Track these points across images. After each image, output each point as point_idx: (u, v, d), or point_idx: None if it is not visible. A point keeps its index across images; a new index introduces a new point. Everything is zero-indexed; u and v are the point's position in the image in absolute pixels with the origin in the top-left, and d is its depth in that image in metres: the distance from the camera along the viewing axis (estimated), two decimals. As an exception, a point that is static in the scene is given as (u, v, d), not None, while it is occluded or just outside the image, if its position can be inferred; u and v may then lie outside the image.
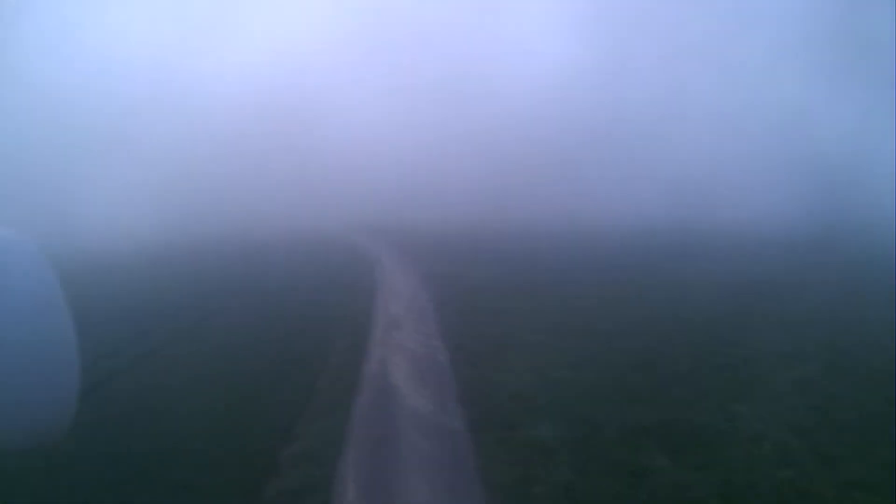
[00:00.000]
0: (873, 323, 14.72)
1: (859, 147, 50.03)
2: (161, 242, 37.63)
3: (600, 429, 8.23)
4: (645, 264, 24.18)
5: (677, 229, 38.60)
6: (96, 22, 56.50)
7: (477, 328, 13.76)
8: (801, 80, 52.94)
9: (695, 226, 40.00)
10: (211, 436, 8.60)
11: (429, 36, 58.83)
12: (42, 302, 2.11)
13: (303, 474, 7.29)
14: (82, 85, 53.50)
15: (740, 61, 55.79)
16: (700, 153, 51.22)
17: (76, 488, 7.27)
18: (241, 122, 55.63)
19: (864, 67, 51.51)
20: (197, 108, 55.33)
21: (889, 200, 40.55)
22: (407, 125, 57.38)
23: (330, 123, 57.31)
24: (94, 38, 55.59)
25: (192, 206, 49.44)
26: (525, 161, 54.51)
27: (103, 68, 54.92)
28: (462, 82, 58.05)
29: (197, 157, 53.63)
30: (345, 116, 57.69)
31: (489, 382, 10.18)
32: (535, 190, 51.85)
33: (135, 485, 7.26)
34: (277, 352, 12.75)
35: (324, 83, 58.55)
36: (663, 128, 54.09)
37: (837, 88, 51.71)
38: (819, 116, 51.69)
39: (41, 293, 2.11)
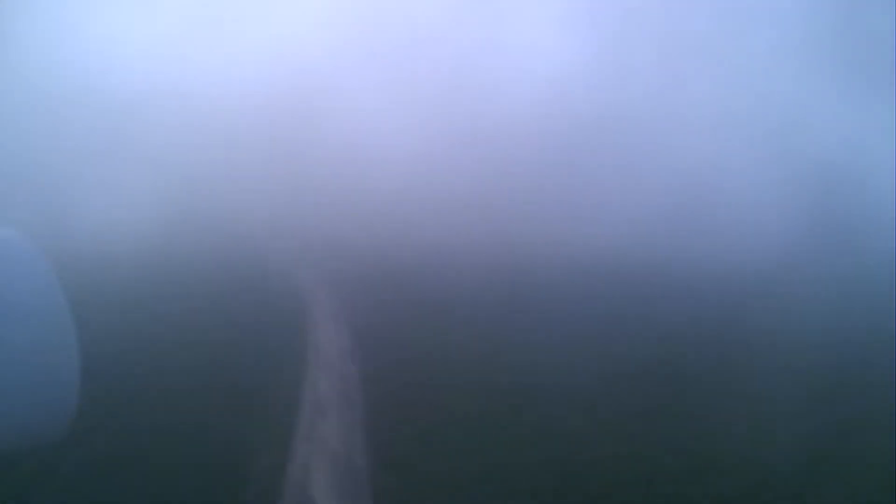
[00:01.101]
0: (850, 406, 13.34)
1: (859, 147, 49.98)
2: (155, 246, 37.20)
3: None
4: (625, 323, 21.07)
5: (672, 249, 36.80)
6: (96, 22, 56.47)
7: (403, 423, 12.21)
8: (801, 80, 52.90)
9: (691, 240, 38.73)
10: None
11: (428, 36, 58.75)
12: (42, 302, 2.10)
13: None
14: (82, 84, 53.45)
15: (740, 61, 55.75)
16: (699, 153, 51.16)
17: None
18: (241, 123, 55.56)
19: (864, 67, 51.46)
20: (197, 108, 55.29)
21: (889, 201, 40.52)
22: (405, 126, 57.26)
23: (329, 125, 57.23)
24: (94, 38, 55.56)
25: (192, 207, 49.33)
26: (524, 162, 54.35)
27: (103, 68, 54.88)
28: (462, 83, 57.96)
29: (197, 157, 53.55)
30: (344, 118, 57.60)
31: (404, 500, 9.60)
32: (534, 195, 51.48)
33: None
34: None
35: (324, 84, 58.48)
36: (662, 128, 54.03)
37: (837, 88, 51.67)
38: (819, 116, 51.65)
39: (41, 293, 2.11)
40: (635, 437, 11.37)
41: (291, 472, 10.31)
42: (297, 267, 32.08)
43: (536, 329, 19.56)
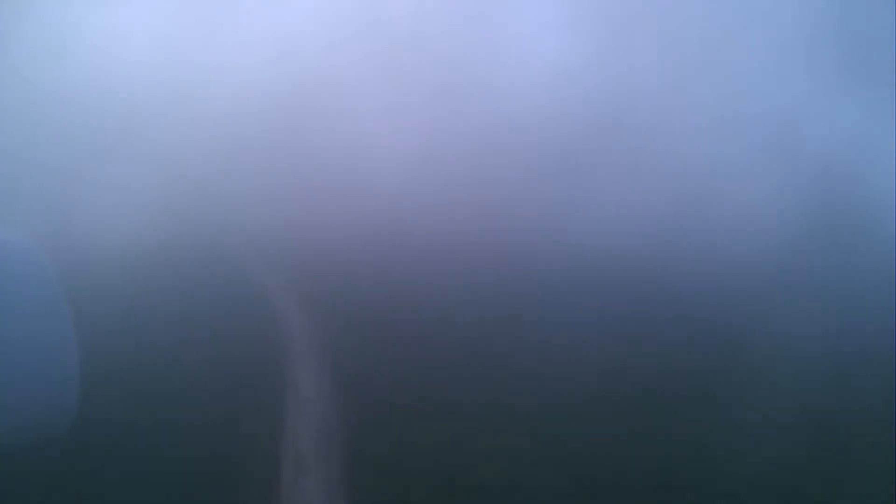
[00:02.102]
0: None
1: (859, 147, 50.03)
2: (152, 247, 36.98)
3: None
4: (623, 327, 18.99)
5: (673, 248, 36.04)
6: (96, 21, 56.54)
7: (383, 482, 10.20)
8: (801, 80, 52.95)
9: (691, 239, 38.29)
10: None
11: (427, 35, 58.74)
12: (42, 302, 2.12)
13: None
14: (83, 84, 53.51)
15: (740, 61, 55.79)
16: (698, 153, 51.20)
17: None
18: (241, 123, 55.58)
19: (864, 67, 51.50)
20: (197, 107, 55.33)
21: (889, 200, 40.55)
22: (404, 126, 57.25)
23: (328, 124, 57.22)
24: (94, 38, 55.63)
25: (191, 207, 49.32)
26: (522, 161, 54.32)
27: (103, 68, 54.94)
28: (461, 81, 57.96)
29: (197, 158, 53.59)
30: (342, 117, 57.60)
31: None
32: (533, 193, 51.32)
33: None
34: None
35: (323, 83, 58.50)
36: (661, 127, 54.07)
37: (837, 88, 51.72)
38: (819, 116, 51.69)
39: (41, 294, 2.12)
40: (637, 441, 11.37)
41: None
42: (278, 287, 26.86)
43: (547, 360, 16.83)
